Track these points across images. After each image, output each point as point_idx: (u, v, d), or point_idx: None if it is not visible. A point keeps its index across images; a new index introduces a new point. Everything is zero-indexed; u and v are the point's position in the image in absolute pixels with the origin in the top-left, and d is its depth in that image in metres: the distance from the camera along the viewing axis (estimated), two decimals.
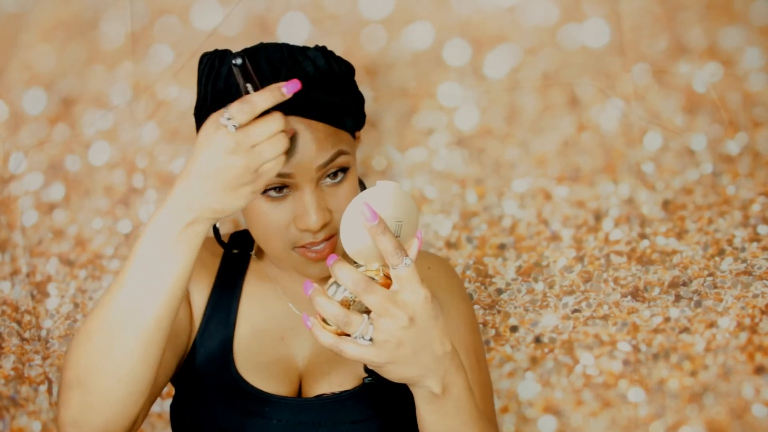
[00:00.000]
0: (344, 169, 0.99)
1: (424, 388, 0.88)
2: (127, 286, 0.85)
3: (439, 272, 1.15)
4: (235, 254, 1.13)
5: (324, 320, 0.85)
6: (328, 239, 0.99)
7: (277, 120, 0.81)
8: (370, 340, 0.84)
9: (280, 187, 0.97)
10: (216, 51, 0.99)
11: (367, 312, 0.85)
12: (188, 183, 0.83)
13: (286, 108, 0.93)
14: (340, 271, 0.83)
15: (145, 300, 0.84)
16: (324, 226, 0.98)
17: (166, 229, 0.84)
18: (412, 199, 0.86)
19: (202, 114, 1.00)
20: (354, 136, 1.05)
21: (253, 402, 1.02)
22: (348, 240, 0.84)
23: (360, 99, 1.06)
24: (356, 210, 0.83)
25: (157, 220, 0.85)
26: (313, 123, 0.96)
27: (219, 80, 0.97)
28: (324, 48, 1.01)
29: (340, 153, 0.98)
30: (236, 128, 0.80)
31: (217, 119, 0.80)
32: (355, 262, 0.87)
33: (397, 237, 0.84)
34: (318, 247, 0.99)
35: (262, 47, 1.00)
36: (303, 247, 0.99)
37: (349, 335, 0.84)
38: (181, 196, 0.83)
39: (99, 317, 0.86)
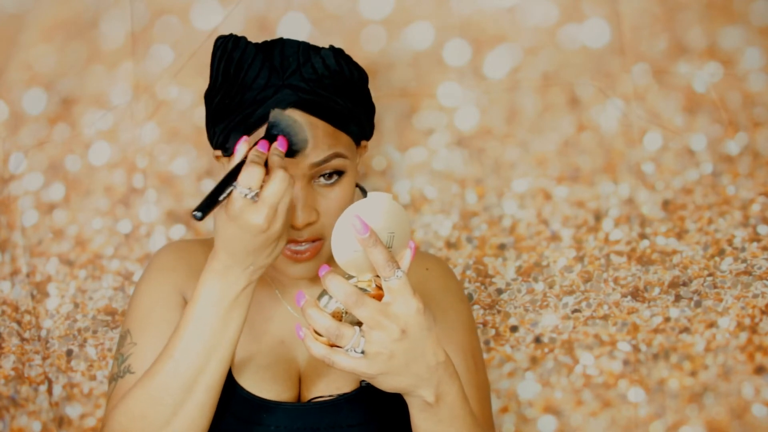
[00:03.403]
0: (339, 173, 0.99)
1: (417, 398, 0.88)
2: (190, 352, 0.91)
3: (438, 273, 1.15)
4: None
5: (317, 331, 0.85)
6: (312, 242, 0.99)
7: (283, 176, 0.85)
8: (362, 352, 0.84)
9: None
10: (231, 35, 0.99)
11: (360, 323, 0.85)
12: (235, 259, 0.89)
13: (289, 103, 0.95)
14: (332, 283, 0.83)
15: (211, 359, 0.92)
16: (309, 225, 0.98)
17: (222, 298, 0.91)
18: (404, 210, 0.86)
19: (212, 97, 1.01)
20: (358, 143, 1.04)
21: (250, 409, 1.01)
22: (339, 251, 0.84)
23: (370, 107, 1.06)
24: (347, 222, 0.83)
25: (211, 289, 0.91)
26: (314, 120, 0.96)
27: (231, 65, 0.98)
28: (340, 50, 1.01)
29: (336, 155, 0.98)
30: (256, 194, 0.85)
31: (236, 202, 0.85)
32: (348, 273, 0.87)
33: (389, 248, 0.84)
34: (300, 247, 0.99)
35: (279, 41, 1.01)
36: (287, 245, 0.99)
37: (340, 346, 0.84)
38: (231, 267, 0.89)
39: (163, 383, 0.92)
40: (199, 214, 0.83)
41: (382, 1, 1.29)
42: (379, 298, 0.84)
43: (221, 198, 0.85)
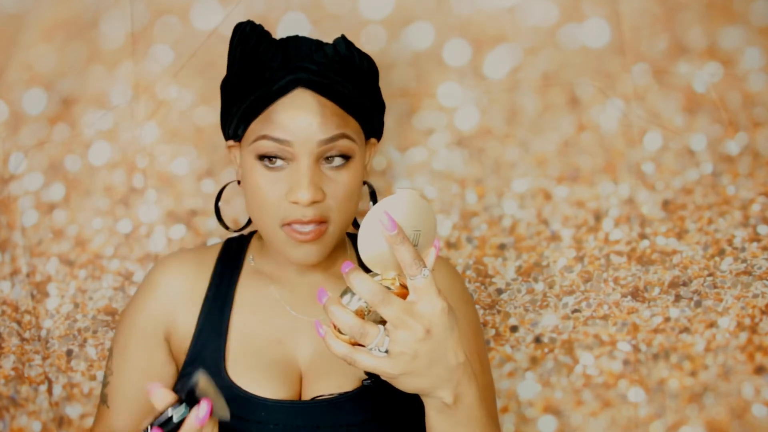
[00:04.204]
0: (346, 157, 1.00)
1: (436, 399, 0.87)
2: None
3: (443, 274, 1.15)
4: (227, 261, 1.13)
5: (337, 329, 0.84)
6: (317, 224, 0.99)
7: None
8: (386, 351, 0.83)
9: (273, 156, 0.98)
10: (249, 21, 1.02)
11: (382, 321, 0.84)
12: None
13: (300, 82, 0.97)
14: (357, 280, 0.82)
15: None
16: (314, 204, 0.98)
17: None
18: (431, 208, 0.85)
19: (227, 83, 1.04)
20: (367, 137, 1.06)
21: (248, 407, 1.01)
22: (365, 247, 0.83)
23: (379, 103, 1.08)
24: (375, 218, 0.82)
25: None
26: (322, 99, 0.98)
27: (247, 48, 1.01)
28: (350, 41, 1.04)
29: (343, 136, 0.99)
30: None
31: None
32: (370, 270, 0.86)
33: (414, 246, 0.84)
34: (305, 228, 0.99)
35: (294, 37, 1.05)
36: (290, 226, 0.99)
37: (362, 345, 0.84)
38: None
39: None
40: None
41: (382, 1, 1.29)
42: (402, 296, 0.83)
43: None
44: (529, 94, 1.31)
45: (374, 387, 1.02)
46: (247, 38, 1.01)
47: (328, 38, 1.26)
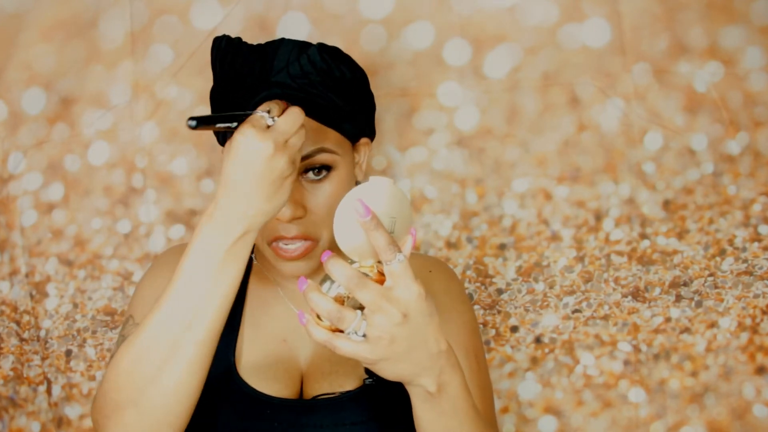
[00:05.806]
0: (327, 167, 1.00)
1: (419, 387, 0.87)
2: (180, 304, 0.87)
3: (440, 275, 1.15)
4: None
5: (319, 316, 0.85)
6: (303, 240, 0.99)
7: (299, 112, 0.86)
8: (364, 336, 0.83)
9: None
10: (224, 36, 1.00)
11: (362, 308, 0.84)
12: (234, 196, 0.85)
13: (274, 96, 0.96)
14: (333, 267, 0.83)
15: (199, 315, 0.87)
16: (296, 220, 0.98)
17: (216, 245, 0.86)
18: (406, 196, 0.85)
19: (213, 96, 1.03)
20: (355, 140, 1.05)
21: (255, 405, 1.01)
22: (342, 236, 0.84)
23: (366, 105, 1.06)
24: (349, 205, 0.83)
25: (205, 236, 0.87)
26: None
27: (225, 65, 0.99)
28: (331, 48, 1.01)
29: (322, 150, 0.98)
30: (273, 118, 0.84)
31: (247, 128, 0.83)
32: (350, 259, 0.87)
33: (391, 233, 0.84)
34: (289, 246, 0.99)
35: (278, 42, 1.02)
36: (277, 243, 0.99)
37: (342, 332, 0.84)
38: (228, 210, 0.85)
39: (151, 336, 0.88)
40: (193, 122, 0.81)
41: (382, 1, 1.29)
42: (380, 283, 0.84)
43: (219, 125, 0.83)
44: (529, 93, 1.31)
45: (376, 386, 1.01)
46: (224, 54, 0.99)
47: (328, 38, 1.27)
